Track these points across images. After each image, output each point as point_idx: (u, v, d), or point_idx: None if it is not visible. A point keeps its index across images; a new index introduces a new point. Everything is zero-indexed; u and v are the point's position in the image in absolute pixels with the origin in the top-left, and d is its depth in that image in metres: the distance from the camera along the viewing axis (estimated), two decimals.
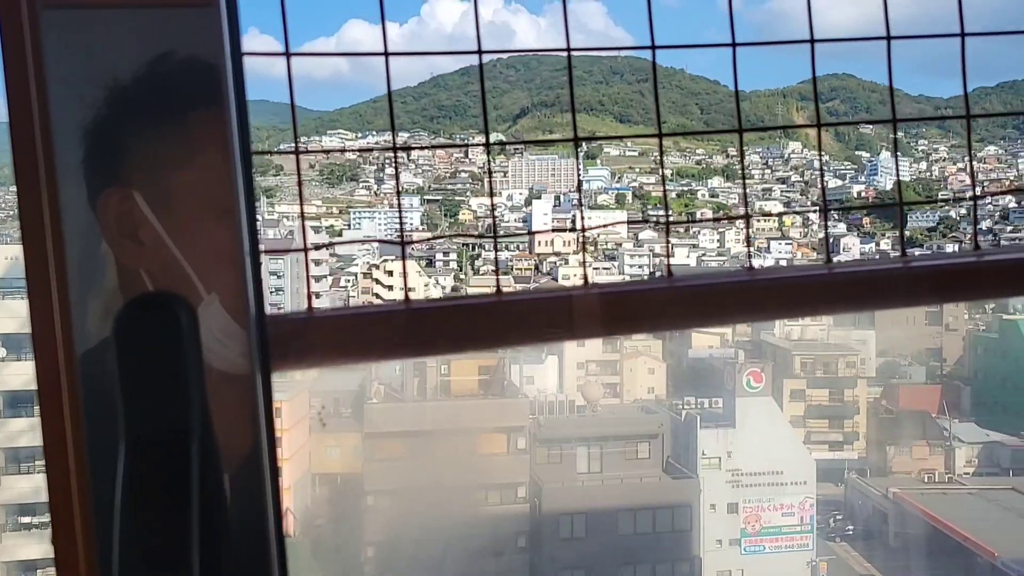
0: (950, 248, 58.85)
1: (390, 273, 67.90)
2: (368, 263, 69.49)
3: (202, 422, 0.81)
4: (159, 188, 0.87)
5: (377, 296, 67.65)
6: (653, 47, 1.26)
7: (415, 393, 35.54)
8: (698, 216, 73.31)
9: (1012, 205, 66.56)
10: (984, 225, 64.60)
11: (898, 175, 4.46)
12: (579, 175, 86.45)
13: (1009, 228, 64.81)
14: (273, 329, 0.90)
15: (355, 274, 68.56)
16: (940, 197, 70.07)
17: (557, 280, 71.38)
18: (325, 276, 63.31)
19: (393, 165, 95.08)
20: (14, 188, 0.83)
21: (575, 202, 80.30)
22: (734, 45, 1.24)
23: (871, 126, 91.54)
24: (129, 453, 0.79)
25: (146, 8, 0.86)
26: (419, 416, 31.88)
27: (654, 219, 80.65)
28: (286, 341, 0.96)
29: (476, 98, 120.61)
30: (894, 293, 1.28)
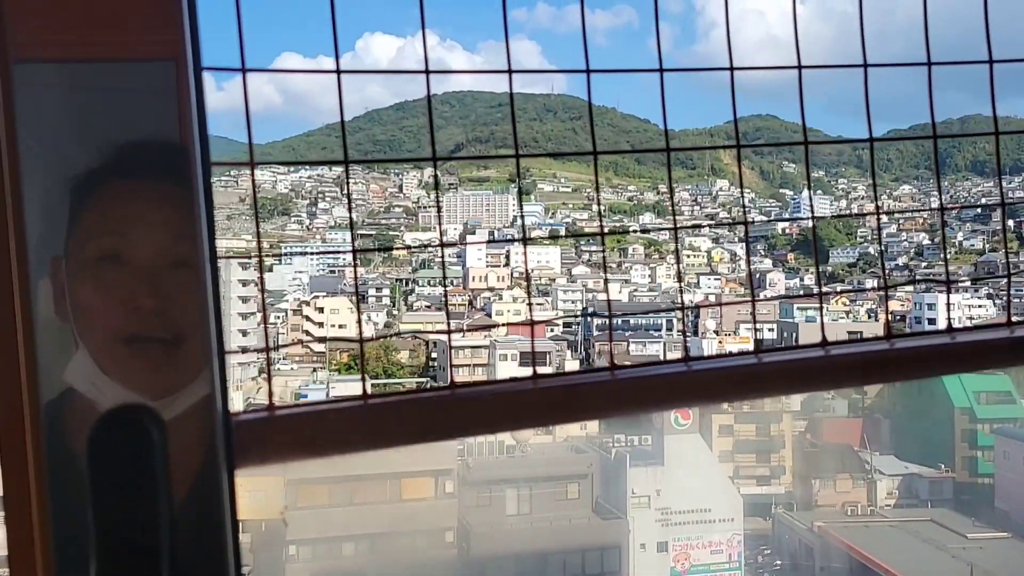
0: (869, 283, 60.93)
1: (320, 310, 66.76)
2: (298, 299, 68.21)
3: (170, 528, 0.84)
4: (119, 252, 0.88)
5: (308, 333, 66.36)
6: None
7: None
8: (630, 252, 74.44)
9: (926, 241, 69.49)
10: (900, 261, 67.30)
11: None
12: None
13: (924, 264, 67.59)
14: (237, 431, 0.93)
15: (285, 311, 67.17)
16: (859, 234, 72.74)
17: (491, 316, 71.23)
18: (253, 313, 61.83)
19: (326, 199, 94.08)
20: None
21: (510, 237, 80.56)
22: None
23: (793, 164, 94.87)
24: (100, 561, 0.82)
25: (113, 62, 0.88)
26: (344, 461, 31.09)
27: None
28: (248, 442, 0.98)
29: (411, 133, 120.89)
30: (818, 380, 1.52)
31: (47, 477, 0.85)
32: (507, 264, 74.09)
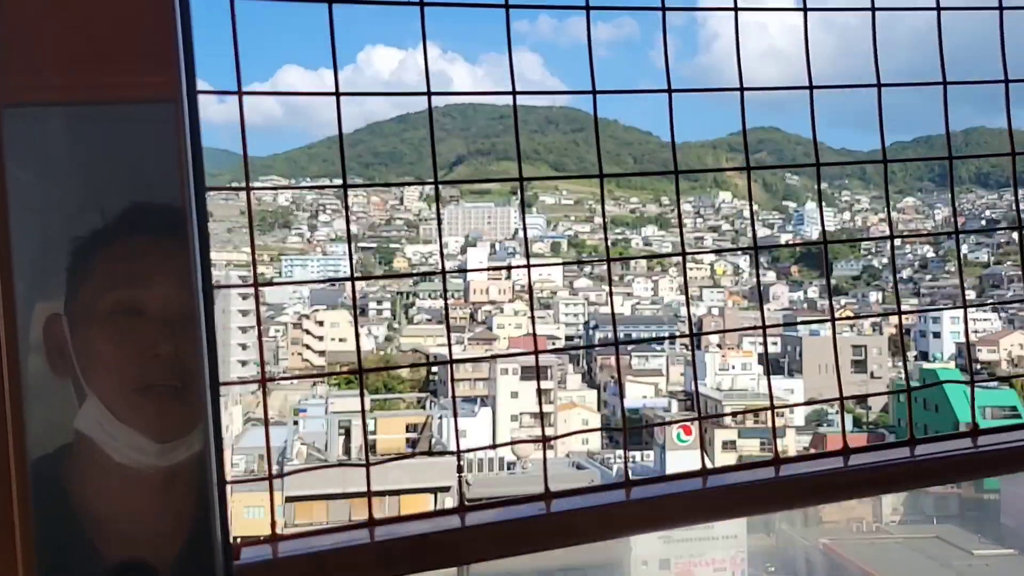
0: (873, 296, 60.51)
1: (320, 323, 66.40)
2: (298, 313, 67.88)
3: None
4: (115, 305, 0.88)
5: (307, 347, 65.99)
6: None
7: (339, 452, 34.36)
8: (632, 265, 74.08)
9: (931, 255, 69.05)
10: (904, 274, 66.85)
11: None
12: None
13: (928, 277, 67.11)
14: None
15: (285, 324, 66.85)
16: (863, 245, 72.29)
17: (492, 329, 70.83)
18: (252, 327, 61.50)
19: (326, 211, 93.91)
20: None
21: (511, 250, 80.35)
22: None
23: (796, 177, 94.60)
24: None
25: (109, 104, 0.86)
26: (342, 477, 30.73)
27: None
28: None
29: (411, 145, 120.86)
30: (837, 491, 1.42)
31: (33, 531, 0.83)
32: (508, 277, 73.77)
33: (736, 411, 42.45)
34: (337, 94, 1.12)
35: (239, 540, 1.09)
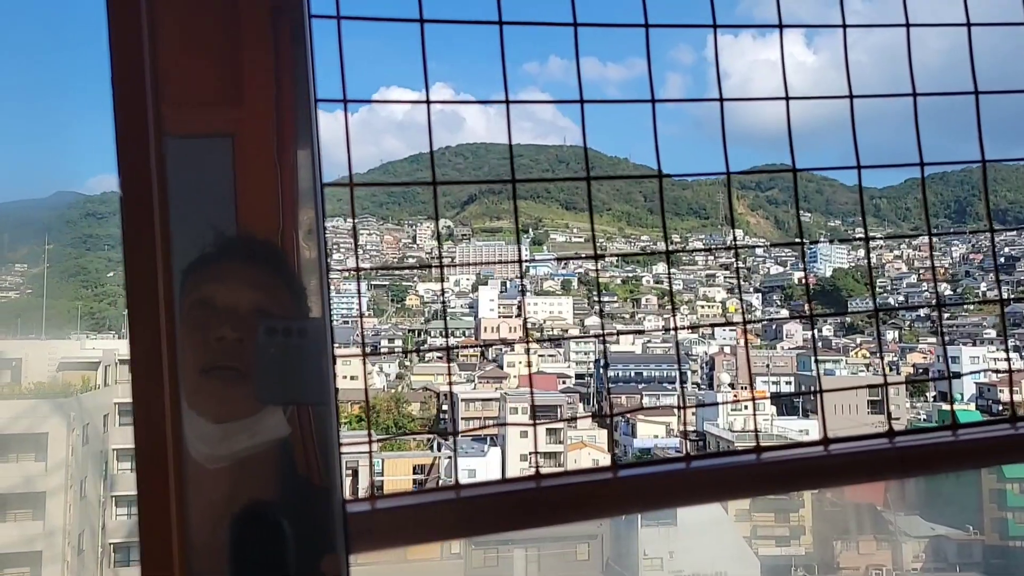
0: (890, 335, 59.47)
1: (333, 360, 65.92)
2: None
3: None
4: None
5: None
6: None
7: (347, 493, 33.62)
8: (643, 302, 73.51)
9: (947, 292, 68.03)
10: (922, 312, 65.75)
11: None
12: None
13: (947, 316, 65.98)
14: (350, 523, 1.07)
15: None
16: (878, 283, 71.31)
17: (502, 367, 70.17)
18: None
19: (340, 250, 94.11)
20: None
21: (521, 288, 79.94)
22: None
23: (809, 214, 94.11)
24: None
25: (225, 137, 1.01)
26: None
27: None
28: (357, 533, 1.09)
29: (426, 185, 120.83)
30: (820, 478, 1.44)
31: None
32: (519, 315, 73.26)
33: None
34: (428, 101, 1.24)
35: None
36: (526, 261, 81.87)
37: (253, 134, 0.98)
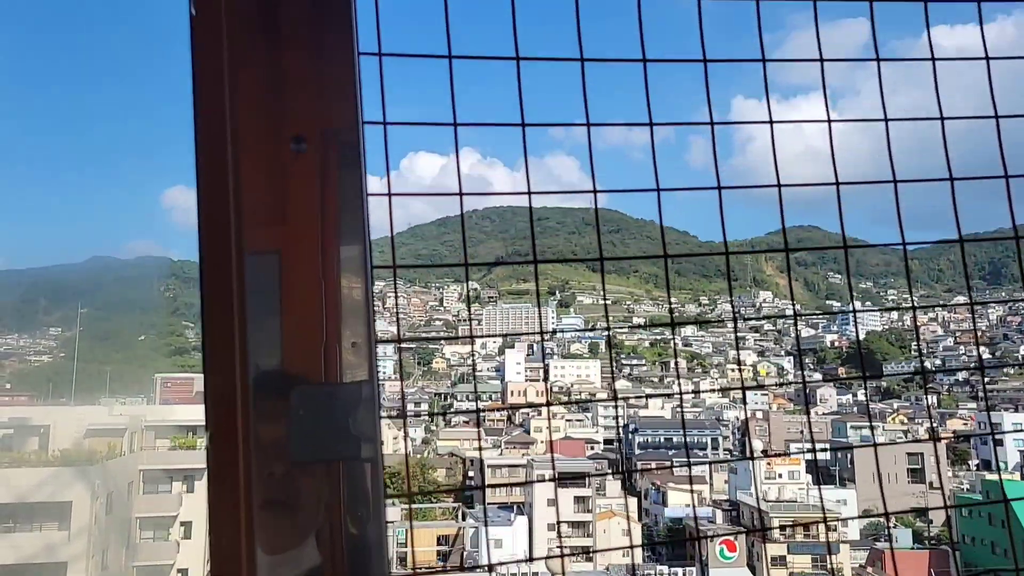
0: (929, 400, 57.67)
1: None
2: None
3: None
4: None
5: None
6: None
7: None
8: (671, 365, 72.31)
9: (987, 356, 66.21)
10: (960, 376, 63.94)
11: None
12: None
13: (986, 380, 64.06)
14: None
15: None
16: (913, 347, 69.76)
17: (529, 432, 69.09)
18: None
19: (382, 310, 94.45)
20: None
21: (548, 351, 79.24)
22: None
23: (839, 275, 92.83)
24: None
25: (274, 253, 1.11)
26: None
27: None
28: None
29: (452, 247, 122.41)
30: None
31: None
32: (546, 379, 72.50)
33: (785, 524, 39.98)
34: (461, 193, 1.33)
35: None
36: (550, 331, 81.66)
37: (298, 251, 1.06)
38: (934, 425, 53.66)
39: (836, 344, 74.56)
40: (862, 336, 75.77)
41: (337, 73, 1.10)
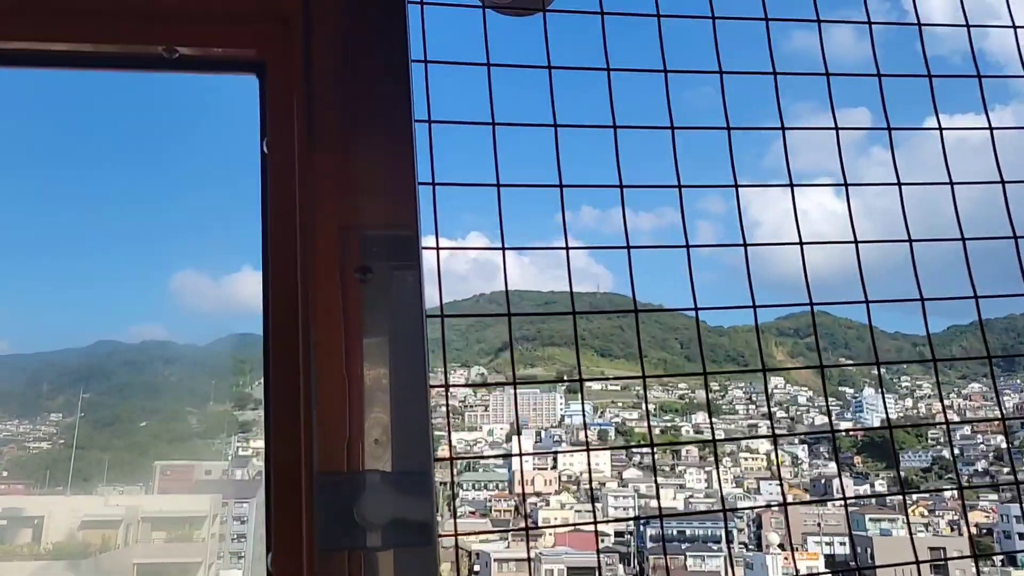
0: (948, 493, 56.08)
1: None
2: None
3: None
4: None
5: None
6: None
7: None
8: (683, 453, 70.83)
9: (1003, 444, 64.62)
10: (980, 466, 62.35)
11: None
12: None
13: (1006, 470, 62.37)
14: None
15: None
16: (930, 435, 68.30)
17: (537, 523, 67.12)
18: None
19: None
20: None
21: (557, 438, 77.92)
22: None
23: (852, 361, 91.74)
24: None
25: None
26: None
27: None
28: None
29: (459, 331, 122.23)
30: None
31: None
32: (555, 467, 71.01)
33: None
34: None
35: None
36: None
37: (323, 349, 1.10)
38: (955, 518, 51.91)
39: (851, 433, 73.12)
40: (876, 423, 74.41)
41: (402, 201, 1.16)
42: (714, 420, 79.92)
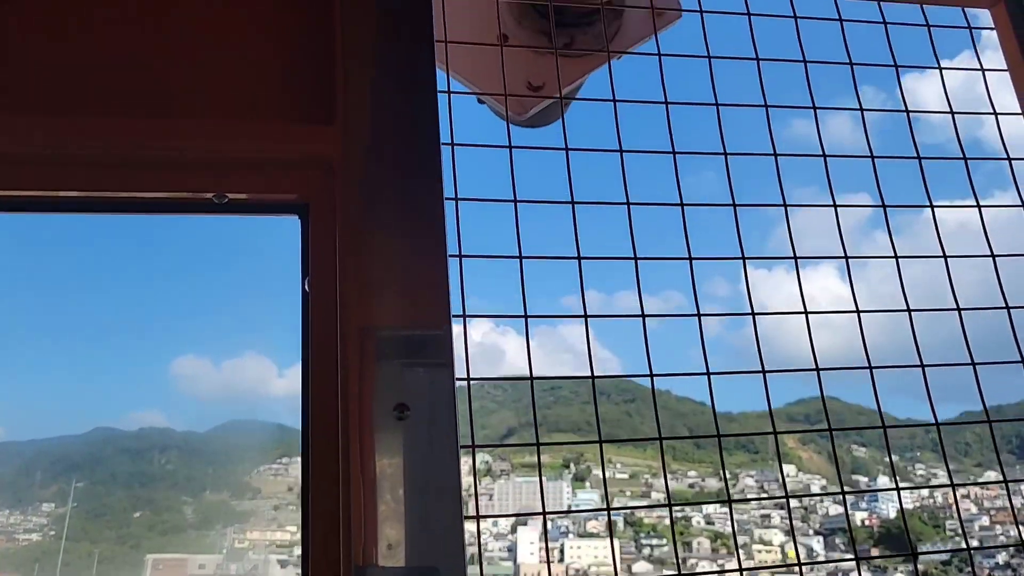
0: None
1: None
2: None
3: None
4: None
5: None
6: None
7: None
8: (694, 545, 68.78)
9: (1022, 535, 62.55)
10: (1000, 559, 60.21)
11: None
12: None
13: None
14: None
15: None
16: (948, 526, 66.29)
17: None
18: None
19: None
20: None
21: (563, 529, 75.99)
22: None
23: (864, 448, 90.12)
24: None
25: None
26: None
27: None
28: None
29: (462, 416, 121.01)
30: None
31: None
32: (561, 560, 69.02)
33: None
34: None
35: None
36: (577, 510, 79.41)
37: (319, 447, 1.15)
38: None
39: (867, 523, 71.20)
40: (892, 514, 72.68)
41: (437, 346, 1.19)
42: (724, 510, 78.02)
